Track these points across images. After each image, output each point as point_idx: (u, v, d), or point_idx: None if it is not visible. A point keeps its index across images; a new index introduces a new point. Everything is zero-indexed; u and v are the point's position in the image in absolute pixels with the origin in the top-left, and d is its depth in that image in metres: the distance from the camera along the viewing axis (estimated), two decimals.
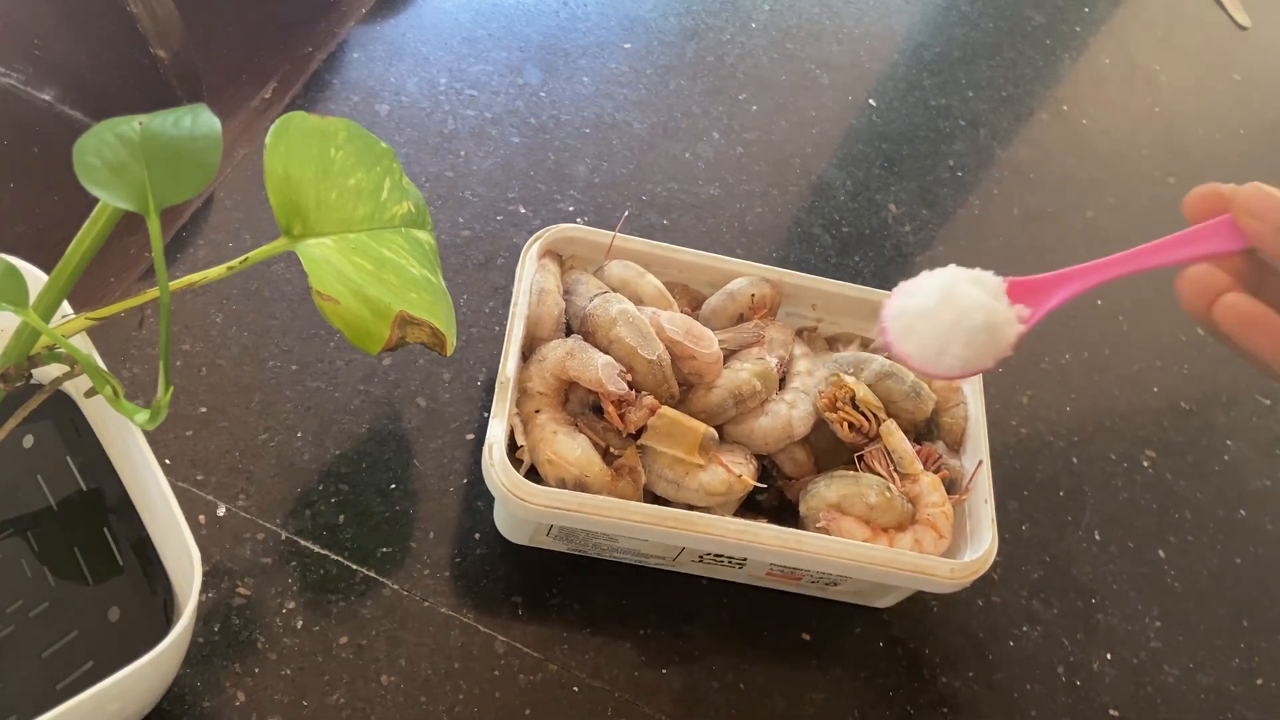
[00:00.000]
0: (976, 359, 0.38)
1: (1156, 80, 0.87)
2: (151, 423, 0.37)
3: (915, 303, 0.38)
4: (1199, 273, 0.37)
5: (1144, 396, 0.67)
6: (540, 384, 0.48)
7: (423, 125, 0.66)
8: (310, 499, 0.51)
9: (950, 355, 0.38)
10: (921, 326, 0.38)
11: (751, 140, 0.73)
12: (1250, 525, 0.63)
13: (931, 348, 0.38)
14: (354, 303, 0.39)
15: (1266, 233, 0.35)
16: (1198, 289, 0.37)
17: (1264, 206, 0.35)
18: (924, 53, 0.83)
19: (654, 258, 0.54)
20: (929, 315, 0.38)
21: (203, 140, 0.35)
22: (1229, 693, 0.56)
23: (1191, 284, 0.37)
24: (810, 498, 0.49)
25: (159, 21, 0.53)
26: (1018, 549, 0.58)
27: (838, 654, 0.52)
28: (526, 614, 0.50)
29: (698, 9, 0.80)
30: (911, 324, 0.38)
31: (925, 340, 0.38)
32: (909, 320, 0.38)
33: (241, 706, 0.45)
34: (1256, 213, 0.36)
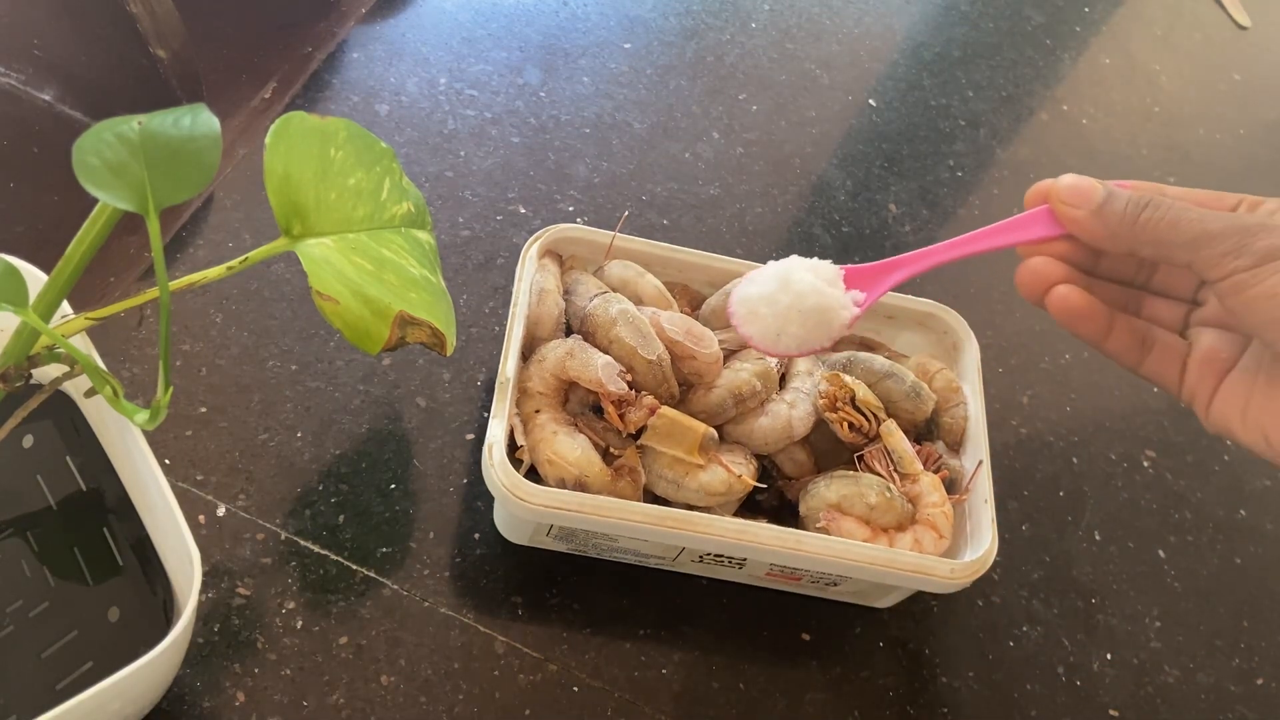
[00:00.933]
0: (811, 339, 0.42)
1: (1156, 80, 0.87)
2: (151, 423, 0.37)
3: (756, 289, 0.42)
4: (1035, 264, 0.41)
5: (1144, 396, 0.67)
6: (540, 384, 0.48)
7: (423, 125, 0.66)
8: (310, 499, 0.51)
9: (788, 335, 0.42)
10: (763, 310, 0.42)
11: (751, 140, 0.73)
12: (1250, 525, 0.63)
13: (771, 329, 0.42)
14: (354, 303, 0.39)
15: (1080, 218, 0.39)
16: (1033, 279, 0.41)
17: (1076, 194, 0.39)
18: (924, 53, 0.83)
19: (654, 258, 0.54)
20: (768, 300, 0.42)
21: (202, 140, 0.35)
22: (1229, 693, 0.56)
23: (1028, 274, 0.41)
24: (810, 498, 0.49)
25: (159, 21, 0.53)
26: (1018, 549, 0.58)
27: (838, 654, 0.52)
28: (526, 614, 0.50)
29: (698, 9, 0.80)
30: (754, 309, 0.42)
31: (766, 323, 0.42)
32: (752, 305, 0.42)
33: (241, 706, 0.45)
34: (1069, 200, 0.40)
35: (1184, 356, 0.41)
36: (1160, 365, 0.42)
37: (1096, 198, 0.39)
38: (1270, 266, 0.35)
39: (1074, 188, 0.40)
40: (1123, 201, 0.38)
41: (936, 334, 0.57)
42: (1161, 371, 0.42)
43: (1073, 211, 0.40)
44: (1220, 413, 0.40)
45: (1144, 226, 0.38)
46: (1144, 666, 0.56)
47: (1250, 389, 0.39)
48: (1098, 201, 0.39)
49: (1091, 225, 0.39)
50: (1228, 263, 0.36)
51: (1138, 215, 0.38)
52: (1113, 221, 0.39)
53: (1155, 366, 0.42)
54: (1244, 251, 0.35)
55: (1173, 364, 0.42)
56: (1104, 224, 0.39)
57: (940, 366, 0.54)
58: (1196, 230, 0.37)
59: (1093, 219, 0.39)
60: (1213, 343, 0.41)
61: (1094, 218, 0.39)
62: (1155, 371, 0.42)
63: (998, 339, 0.67)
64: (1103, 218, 0.39)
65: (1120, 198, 0.39)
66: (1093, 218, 0.39)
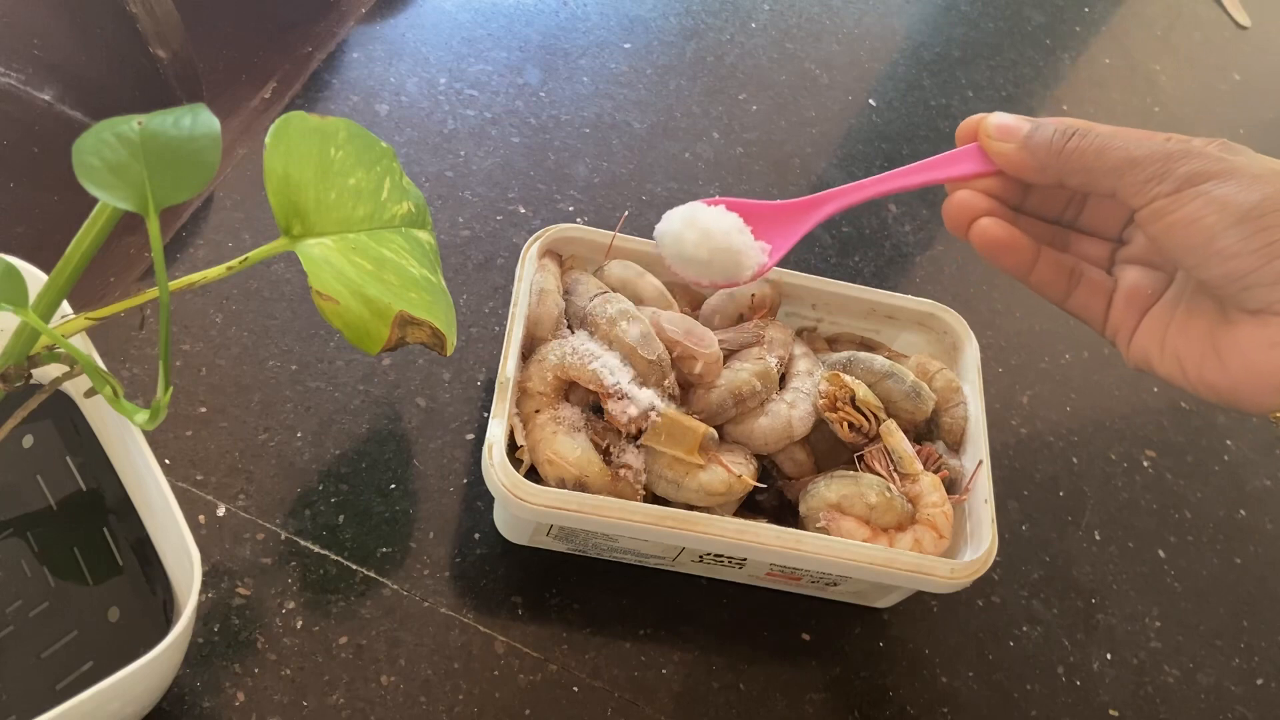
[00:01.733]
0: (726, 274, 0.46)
1: (1156, 80, 0.87)
2: (151, 423, 0.37)
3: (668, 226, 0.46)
4: (960, 197, 0.42)
5: (1144, 396, 0.67)
6: (540, 384, 0.48)
7: (422, 125, 0.66)
8: (310, 499, 0.51)
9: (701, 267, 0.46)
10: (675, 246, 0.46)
11: (751, 140, 0.73)
12: (1250, 525, 0.63)
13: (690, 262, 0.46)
14: (354, 303, 0.39)
15: (1008, 151, 0.40)
16: (959, 211, 0.42)
17: (1003, 130, 0.41)
18: (924, 53, 0.83)
19: (654, 258, 0.54)
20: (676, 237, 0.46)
21: (202, 140, 0.35)
22: (1229, 693, 0.56)
23: (953, 207, 0.43)
24: (810, 498, 0.49)
25: (159, 21, 0.53)
26: (1018, 549, 0.58)
27: (838, 654, 0.52)
28: (526, 614, 0.50)
29: (698, 9, 0.80)
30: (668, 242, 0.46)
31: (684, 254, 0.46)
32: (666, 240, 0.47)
33: (241, 706, 0.45)
34: (997, 135, 0.41)
35: (1109, 292, 0.42)
36: (1085, 300, 0.42)
37: (1022, 132, 0.40)
38: (1190, 192, 0.36)
39: (1001, 124, 0.41)
40: (1049, 131, 0.39)
41: (936, 334, 0.57)
42: (1087, 305, 0.42)
43: (1000, 145, 0.40)
44: (1140, 346, 0.41)
45: (1070, 155, 0.38)
46: (1144, 666, 0.56)
47: (1169, 320, 0.40)
48: (1024, 135, 0.40)
49: (1019, 157, 0.40)
50: (1150, 188, 0.36)
51: (1064, 144, 0.39)
52: (1040, 152, 0.39)
53: (1081, 300, 0.42)
54: (1166, 177, 0.36)
55: (1098, 299, 0.42)
56: (1031, 155, 0.40)
57: (940, 366, 0.54)
58: (1121, 156, 0.37)
59: (1020, 151, 0.40)
60: (1137, 279, 0.41)
61: (1021, 150, 0.40)
62: (1080, 305, 0.43)
63: (998, 339, 0.67)
64: (1030, 149, 0.40)
65: (1047, 127, 0.39)
66: (1020, 150, 0.40)
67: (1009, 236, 0.41)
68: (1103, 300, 0.42)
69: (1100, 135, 0.38)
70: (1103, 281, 0.42)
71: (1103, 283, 0.42)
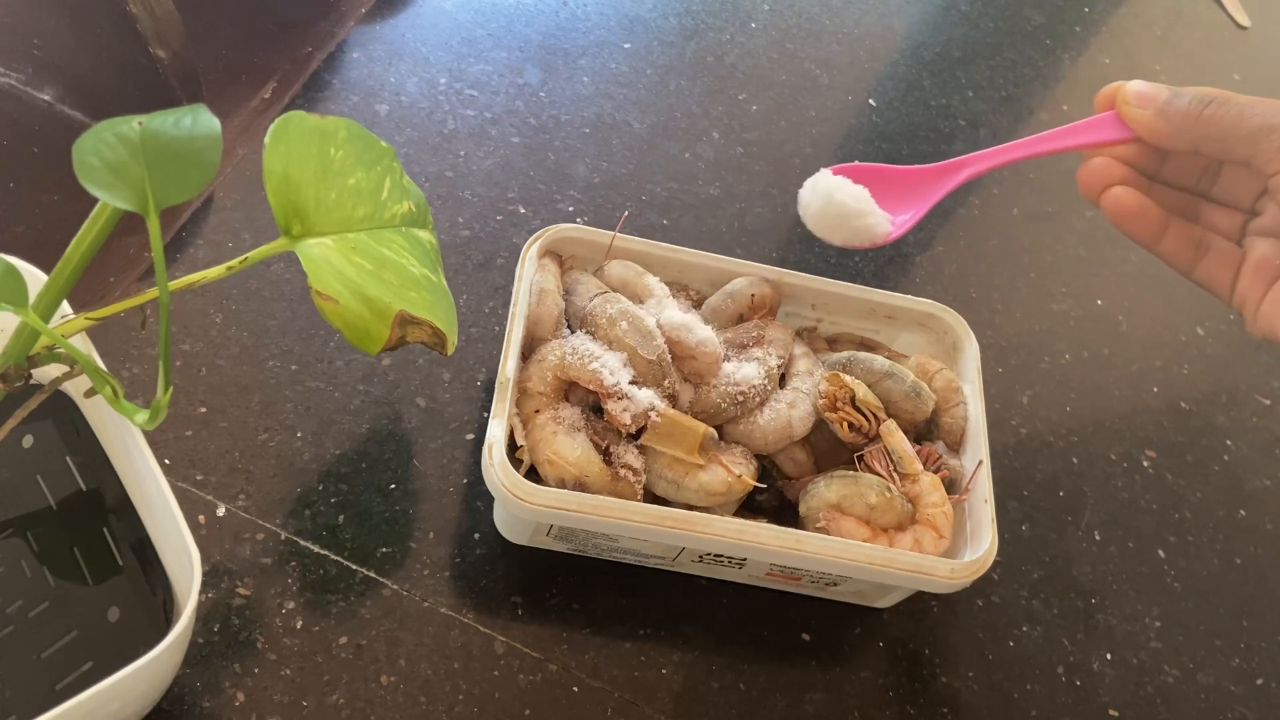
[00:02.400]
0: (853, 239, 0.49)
1: (1157, 80, 0.87)
2: (151, 423, 0.37)
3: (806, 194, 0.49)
4: (1096, 164, 0.43)
5: (1144, 396, 0.67)
6: (540, 384, 0.48)
7: (422, 125, 0.66)
8: (310, 499, 0.51)
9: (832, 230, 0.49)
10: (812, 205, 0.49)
11: (751, 140, 0.73)
12: (1250, 525, 0.63)
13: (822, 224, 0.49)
14: (354, 302, 0.39)
15: (1145, 118, 0.41)
16: (1093, 178, 0.43)
17: (1141, 97, 0.41)
18: (924, 53, 0.83)
19: (654, 258, 0.54)
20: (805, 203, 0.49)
21: (203, 140, 0.35)
22: (1229, 693, 0.56)
23: (1088, 173, 0.43)
24: (810, 498, 0.49)
25: (159, 21, 0.53)
26: (1018, 549, 0.58)
27: (838, 654, 0.52)
28: (526, 614, 0.50)
29: (698, 9, 0.80)
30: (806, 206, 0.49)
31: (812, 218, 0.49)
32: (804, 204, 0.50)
33: (241, 706, 0.45)
34: (1135, 102, 0.41)
35: (1238, 264, 0.42)
36: (1213, 270, 0.43)
37: (1161, 99, 0.40)
38: None
39: (1140, 91, 0.41)
40: (1187, 98, 0.39)
41: (936, 334, 0.57)
42: (1214, 276, 0.43)
43: (1137, 111, 0.41)
44: (1267, 315, 0.41)
45: (1207, 121, 0.39)
46: (1144, 666, 0.56)
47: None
48: (1162, 101, 0.40)
49: (1156, 124, 0.40)
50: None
51: (1201, 110, 0.39)
52: (1177, 118, 0.40)
53: (1208, 271, 0.43)
54: None
55: (1226, 270, 0.42)
56: (1168, 121, 0.40)
57: (940, 366, 0.54)
58: (1258, 123, 0.38)
59: (1157, 118, 0.40)
60: (1267, 250, 0.41)
61: (1159, 116, 0.40)
62: (1208, 276, 0.43)
63: (998, 339, 0.67)
64: (1167, 115, 0.40)
65: (1185, 94, 0.39)
66: (1157, 116, 0.40)
67: (1139, 205, 0.42)
68: (1230, 271, 0.42)
69: (1238, 103, 0.38)
70: (1231, 252, 0.42)
71: (1231, 253, 0.42)
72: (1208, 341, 0.71)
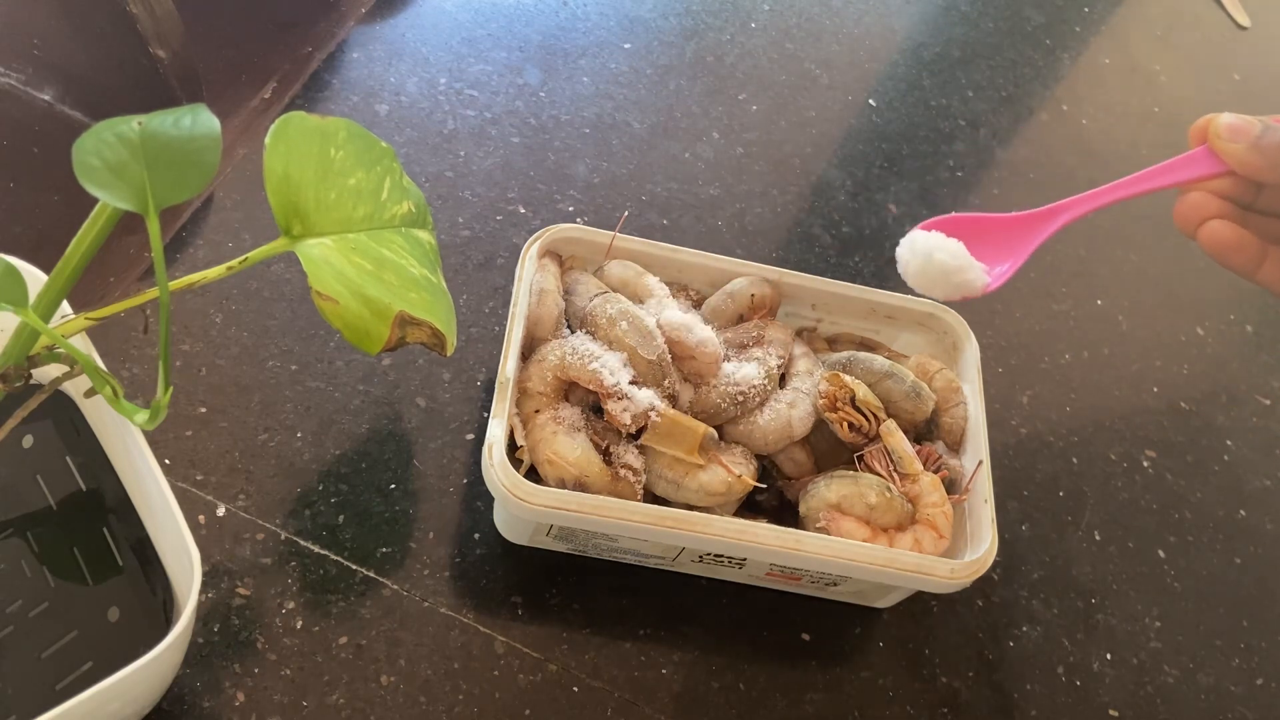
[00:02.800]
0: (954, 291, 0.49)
1: (1156, 80, 0.87)
2: (151, 423, 0.37)
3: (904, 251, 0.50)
4: (1191, 199, 0.43)
5: (1144, 396, 0.67)
6: (540, 384, 0.48)
7: (422, 125, 0.66)
8: (310, 499, 0.51)
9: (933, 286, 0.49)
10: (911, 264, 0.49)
11: (751, 140, 0.73)
12: (1250, 525, 0.63)
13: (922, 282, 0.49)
14: (353, 303, 0.39)
15: (1239, 152, 0.41)
16: (1190, 213, 0.43)
17: (1234, 131, 0.41)
18: (924, 53, 0.83)
19: (654, 258, 0.54)
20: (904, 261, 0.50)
21: (202, 140, 0.35)
22: (1229, 693, 0.56)
23: (1185, 209, 0.43)
24: (810, 498, 0.49)
25: (159, 21, 0.53)
26: (1018, 549, 0.58)
27: (838, 654, 0.52)
28: (526, 614, 0.50)
29: (698, 9, 0.80)
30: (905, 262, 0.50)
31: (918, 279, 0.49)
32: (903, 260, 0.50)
33: (241, 706, 0.45)
34: (1228, 136, 0.41)
35: None
36: None
37: (1254, 133, 0.40)
38: None
39: (1232, 125, 0.41)
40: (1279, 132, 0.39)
41: (936, 334, 0.57)
42: None
43: (1231, 146, 0.41)
44: None
45: None
46: (1144, 666, 0.56)
47: None
48: (1255, 135, 0.40)
49: (1250, 158, 0.40)
50: None
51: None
52: (1271, 152, 0.40)
53: None
54: None
55: None
56: (1263, 155, 0.40)
57: (940, 366, 0.54)
58: None
59: (1251, 152, 0.40)
60: None
61: (1252, 151, 0.40)
62: None
63: (998, 339, 0.67)
64: (1261, 149, 0.40)
65: (1277, 130, 0.39)
66: (1251, 151, 0.40)
67: (1237, 238, 0.42)
68: None
69: None
70: None
71: None
72: (1208, 341, 0.71)
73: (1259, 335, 0.73)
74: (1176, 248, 0.76)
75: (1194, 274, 0.75)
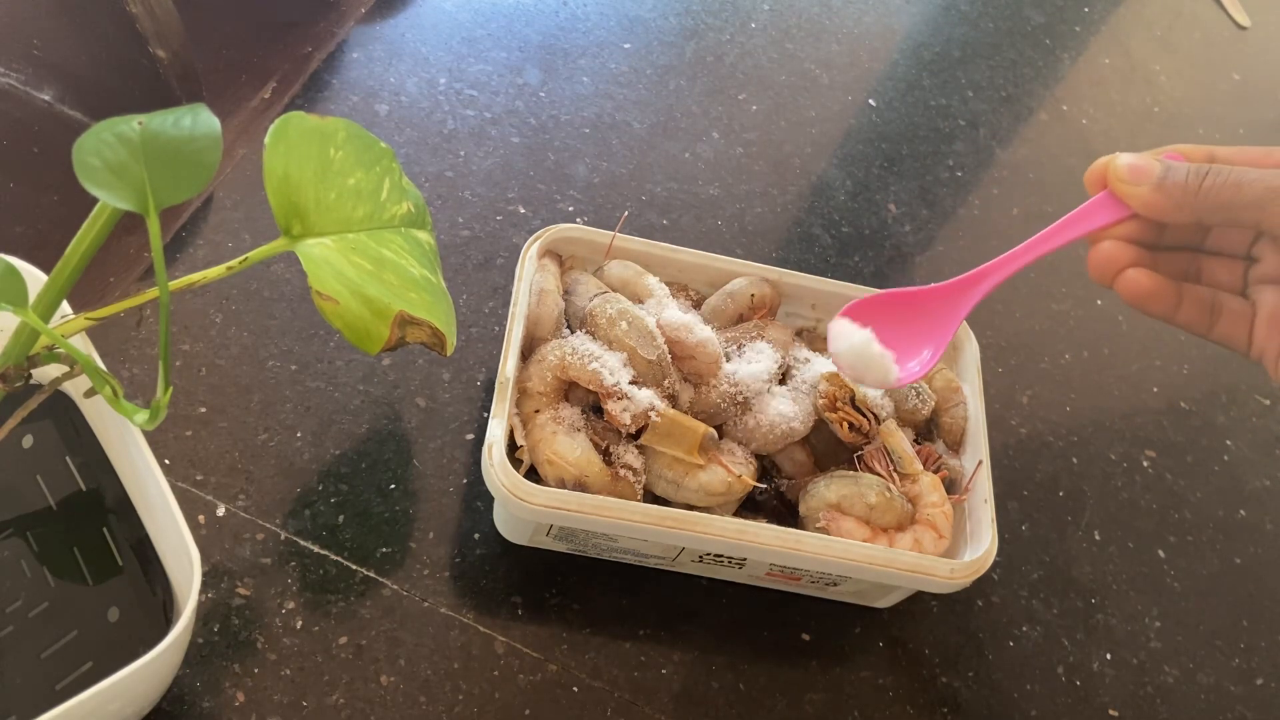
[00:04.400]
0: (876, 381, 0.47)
1: (1156, 80, 0.87)
2: (151, 423, 0.37)
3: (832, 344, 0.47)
4: (1105, 250, 0.42)
5: (1144, 396, 0.67)
6: (540, 384, 0.48)
7: (422, 125, 0.66)
8: (310, 499, 0.51)
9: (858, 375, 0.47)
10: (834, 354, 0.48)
11: (751, 140, 0.73)
12: (1250, 525, 0.63)
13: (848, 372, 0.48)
14: (353, 303, 0.39)
15: (1143, 194, 0.40)
16: (1105, 264, 0.43)
17: (1135, 173, 0.40)
18: (924, 53, 0.83)
19: (654, 258, 0.54)
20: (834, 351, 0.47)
21: (202, 140, 0.35)
22: (1229, 693, 0.56)
23: (1100, 260, 0.43)
24: (810, 498, 0.49)
25: (158, 21, 0.53)
26: (1018, 549, 0.58)
27: (838, 654, 0.52)
28: (526, 614, 0.50)
29: (698, 9, 0.80)
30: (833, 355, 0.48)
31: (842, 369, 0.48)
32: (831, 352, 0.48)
33: (241, 707, 0.45)
34: (1130, 179, 0.41)
35: (1250, 318, 0.42)
36: (1229, 329, 0.43)
37: (1155, 174, 0.40)
38: None
39: (1133, 167, 0.40)
40: (1183, 173, 0.39)
41: None
42: (1231, 334, 0.43)
43: (1135, 189, 0.40)
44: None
45: (1207, 194, 0.38)
46: (1144, 666, 0.56)
47: None
48: (1157, 177, 0.40)
49: (1155, 200, 0.40)
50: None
51: (1199, 184, 0.39)
52: (1176, 193, 0.39)
53: (1225, 330, 0.43)
54: None
55: (1241, 326, 0.43)
56: (1168, 197, 0.39)
57: (940, 366, 0.54)
58: (1260, 190, 0.37)
59: (1155, 194, 0.40)
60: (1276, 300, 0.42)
61: (1156, 193, 0.40)
62: (1225, 335, 0.43)
63: (998, 339, 0.67)
64: (1165, 191, 0.39)
65: (1179, 169, 0.39)
66: (1155, 193, 0.40)
67: (1155, 285, 0.42)
68: (1244, 327, 0.43)
69: (1234, 172, 0.38)
70: (1242, 309, 0.43)
71: (1242, 310, 0.43)
72: (1208, 341, 0.71)
73: None
74: None
75: None
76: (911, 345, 0.46)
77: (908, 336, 0.46)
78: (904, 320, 0.46)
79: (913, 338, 0.46)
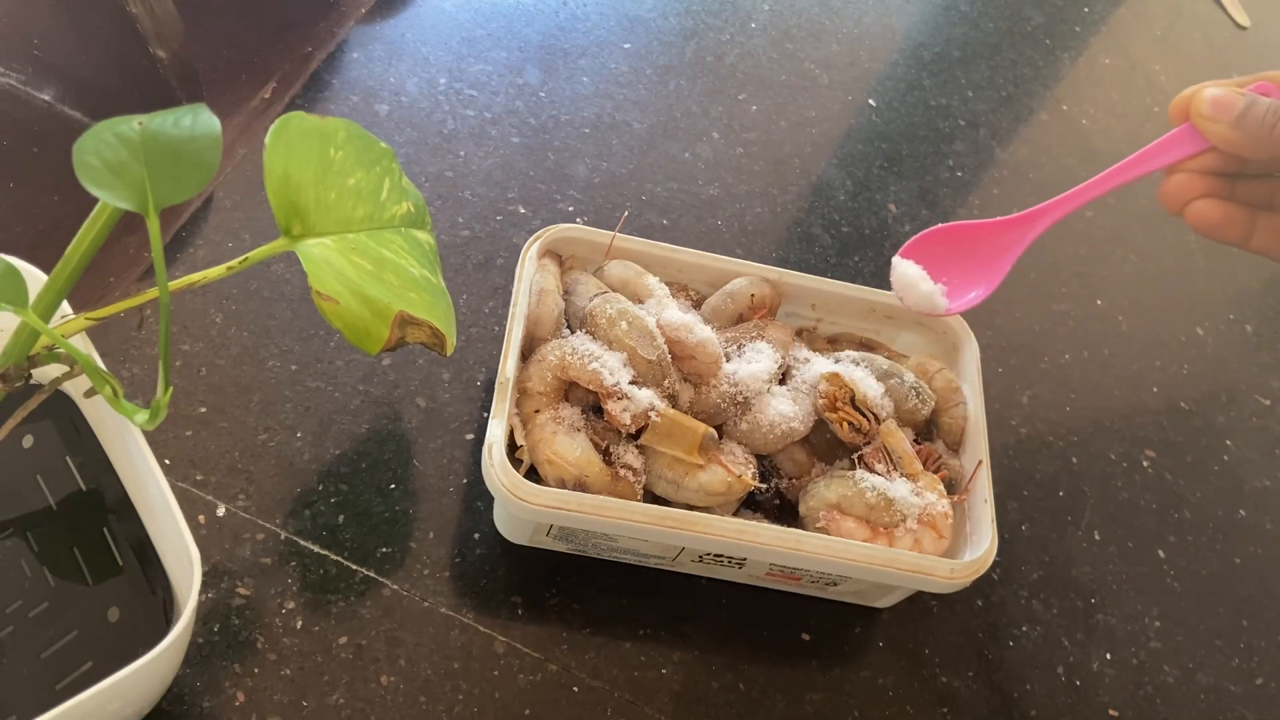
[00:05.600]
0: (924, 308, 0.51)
1: (1156, 80, 0.87)
2: (151, 423, 0.37)
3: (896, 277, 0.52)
4: (1176, 182, 0.43)
5: (1144, 396, 0.67)
6: (540, 384, 0.48)
7: (422, 125, 0.66)
8: (310, 499, 0.51)
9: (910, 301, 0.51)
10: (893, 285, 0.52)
11: (751, 140, 0.73)
12: (1250, 525, 0.63)
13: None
14: (353, 303, 0.39)
15: (1221, 130, 0.41)
16: (1175, 194, 0.43)
17: (1217, 108, 0.41)
18: (924, 53, 0.83)
19: (654, 258, 0.54)
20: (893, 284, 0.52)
21: (203, 140, 0.35)
22: (1229, 693, 0.56)
23: (1170, 191, 0.43)
24: (810, 498, 0.49)
25: (159, 21, 0.53)
26: (1018, 549, 0.58)
27: (838, 654, 0.52)
28: (526, 614, 0.50)
29: (698, 9, 0.80)
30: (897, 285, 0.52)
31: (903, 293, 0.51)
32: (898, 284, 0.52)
33: (241, 707, 0.45)
34: (1210, 114, 0.41)
35: None
36: None
37: (1237, 108, 0.40)
38: None
39: (1215, 100, 0.41)
40: (1262, 109, 0.39)
41: (936, 334, 0.57)
42: None
43: (1213, 125, 0.41)
44: None
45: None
46: (1144, 666, 0.56)
47: None
48: (1238, 112, 0.40)
49: (1233, 137, 0.40)
50: None
51: (1276, 123, 0.39)
52: (1253, 130, 0.39)
53: None
54: None
55: None
56: (1244, 134, 0.40)
57: (940, 366, 0.54)
58: None
59: (1233, 130, 0.40)
60: None
61: (1234, 129, 0.40)
62: None
63: (998, 339, 0.67)
64: (1242, 128, 0.40)
65: (1260, 105, 0.39)
66: (1233, 129, 0.40)
67: (1224, 215, 0.42)
68: None
69: None
70: None
71: None
72: (1208, 341, 0.71)
73: (1259, 335, 0.73)
74: (1176, 248, 0.76)
75: (1193, 274, 0.75)
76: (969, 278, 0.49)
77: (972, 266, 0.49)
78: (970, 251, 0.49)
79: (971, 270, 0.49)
